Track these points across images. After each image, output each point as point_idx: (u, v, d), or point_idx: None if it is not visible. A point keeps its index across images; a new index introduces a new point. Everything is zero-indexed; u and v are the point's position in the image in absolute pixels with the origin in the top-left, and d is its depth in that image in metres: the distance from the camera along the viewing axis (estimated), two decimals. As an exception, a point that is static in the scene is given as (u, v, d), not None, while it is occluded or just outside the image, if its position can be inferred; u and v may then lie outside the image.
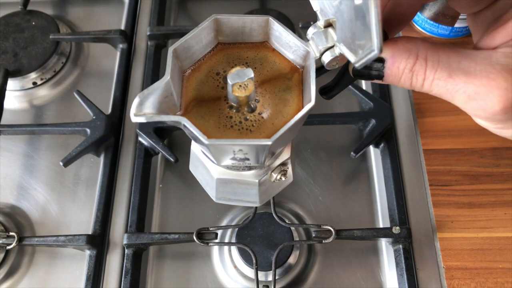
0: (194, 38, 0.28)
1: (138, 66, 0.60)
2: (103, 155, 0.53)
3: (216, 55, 0.30)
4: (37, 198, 0.53)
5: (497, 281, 0.45)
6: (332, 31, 0.26)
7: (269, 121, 0.28)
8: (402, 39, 0.25)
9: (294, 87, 0.29)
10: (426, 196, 0.49)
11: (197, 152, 0.35)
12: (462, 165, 0.51)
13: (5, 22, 0.62)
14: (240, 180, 0.34)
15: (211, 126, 0.27)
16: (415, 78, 0.24)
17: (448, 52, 0.24)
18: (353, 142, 0.54)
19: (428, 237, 0.47)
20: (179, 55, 0.28)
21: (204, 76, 0.29)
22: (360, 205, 0.51)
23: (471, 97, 0.23)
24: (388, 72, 0.25)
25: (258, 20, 0.28)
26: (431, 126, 0.53)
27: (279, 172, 0.34)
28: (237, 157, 0.28)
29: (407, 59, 0.24)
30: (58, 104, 0.59)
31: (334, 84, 0.30)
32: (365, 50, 0.22)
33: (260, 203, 0.36)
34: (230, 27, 0.29)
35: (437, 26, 0.57)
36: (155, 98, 0.25)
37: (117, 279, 0.47)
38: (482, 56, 0.24)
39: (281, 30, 0.28)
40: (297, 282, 0.47)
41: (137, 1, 0.65)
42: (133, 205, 0.49)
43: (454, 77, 0.23)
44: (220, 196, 0.35)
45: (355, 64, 0.24)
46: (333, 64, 0.27)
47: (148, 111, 0.25)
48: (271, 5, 0.65)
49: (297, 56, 0.29)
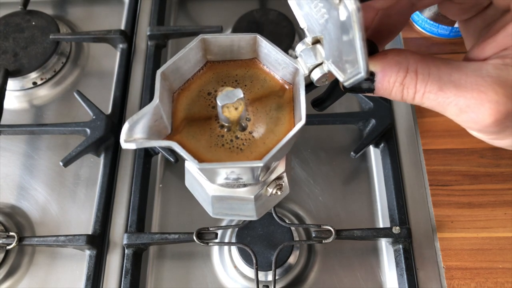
0: (182, 59, 0.27)
1: (138, 66, 0.60)
2: (103, 155, 0.53)
3: (206, 73, 0.30)
4: (37, 198, 0.53)
5: (497, 281, 0.45)
6: (320, 47, 0.26)
7: (260, 140, 0.27)
8: (391, 52, 0.25)
9: (286, 104, 0.29)
10: (426, 196, 0.49)
11: (192, 170, 0.35)
12: (462, 165, 0.51)
13: (5, 22, 0.62)
14: (235, 196, 0.33)
15: (202, 145, 0.27)
16: (406, 91, 0.24)
17: (438, 65, 0.24)
18: (353, 142, 0.54)
19: (428, 237, 0.47)
20: (168, 76, 0.27)
21: (194, 95, 0.29)
22: (360, 205, 0.51)
23: (462, 110, 0.23)
24: (378, 85, 0.25)
25: (245, 38, 0.28)
26: (431, 126, 0.53)
27: (275, 187, 0.34)
28: (230, 177, 0.28)
29: (397, 72, 0.24)
30: (58, 104, 0.59)
31: (326, 96, 0.30)
32: (353, 71, 0.22)
33: (257, 216, 0.35)
34: (218, 46, 0.29)
35: (437, 26, 0.57)
36: (145, 122, 0.25)
37: (117, 279, 0.47)
38: (473, 68, 0.23)
39: (270, 48, 0.28)
40: (297, 282, 0.47)
41: (137, 1, 0.65)
42: (133, 205, 0.49)
43: (445, 90, 0.23)
44: (217, 212, 0.35)
45: (344, 83, 0.24)
46: (322, 80, 0.27)
47: (138, 136, 0.25)
48: (271, 5, 0.65)
49: (287, 73, 0.29)
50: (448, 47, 0.58)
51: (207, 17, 0.66)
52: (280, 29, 0.59)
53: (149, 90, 0.56)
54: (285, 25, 0.60)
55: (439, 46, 0.59)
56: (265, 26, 0.60)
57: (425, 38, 0.59)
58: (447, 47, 0.59)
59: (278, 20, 0.60)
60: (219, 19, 0.65)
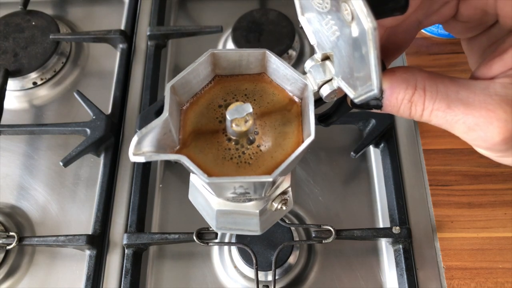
0: (191, 73, 0.28)
1: (138, 66, 0.60)
2: (103, 155, 0.53)
3: (214, 87, 0.30)
4: (37, 198, 0.53)
5: (497, 281, 0.45)
6: (329, 64, 0.26)
7: (268, 154, 0.27)
8: (400, 69, 0.25)
9: (294, 119, 0.29)
10: (426, 196, 0.49)
11: (197, 184, 0.35)
12: (462, 165, 0.51)
13: (5, 22, 0.62)
14: (240, 211, 0.33)
15: (209, 159, 0.27)
16: (414, 108, 0.24)
17: (446, 82, 0.24)
18: (353, 142, 0.54)
19: (428, 237, 0.47)
20: (177, 90, 0.27)
21: (203, 109, 0.29)
22: (360, 205, 0.51)
23: (471, 128, 0.23)
24: (386, 102, 0.25)
25: (255, 53, 0.28)
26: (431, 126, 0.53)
27: (280, 202, 0.34)
28: (237, 192, 0.28)
29: (405, 90, 0.24)
30: (58, 104, 0.59)
31: (332, 112, 0.30)
32: (365, 88, 0.22)
33: (261, 231, 0.35)
34: (227, 60, 0.29)
35: (437, 26, 0.57)
36: (154, 136, 0.25)
37: (117, 279, 0.47)
38: (481, 86, 0.23)
39: (278, 64, 0.28)
40: (297, 282, 0.47)
41: (137, 1, 0.65)
42: (133, 205, 0.49)
43: (453, 108, 0.23)
44: (220, 226, 0.35)
45: (354, 100, 0.24)
46: (331, 97, 0.27)
47: (147, 150, 0.25)
48: (271, 5, 0.65)
49: (295, 88, 0.29)
50: (448, 47, 0.58)
51: (207, 17, 0.66)
52: (280, 29, 0.59)
53: (149, 90, 0.56)
54: (285, 25, 0.60)
55: (439, 46, 0.59)
56: (265, 26, 0.60)
57: (425, 38, 0.59)
58: (447, 47, 0.59)
59: (278, 20, 0.60)
60: (219, 19, 0.65)
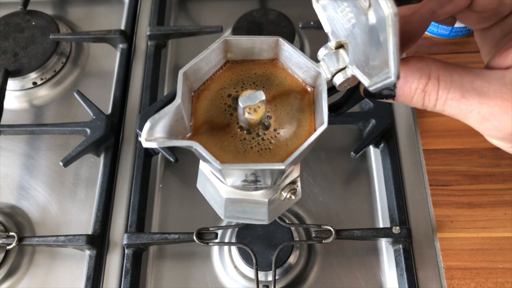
0: (203, 60, 0.27)
1: (138, 66, 0.60)
2: (103, 155, 0.53)
3: (225, 73, 0.29)
4: (37, 198, 0.53)
5: (497, 281, 0.45)
6: (343, 52, 0.26)
7: (284, 142, 0.27)
8: (413, 58, 0.25)
9: (306, 107, 0.28)
10: (426, 196, 0.49)
11: (206, 171, 0.35)
12: (462, 165, 0.51)
13: (5, 22, 0.62)
14: (249, 199, 0.33)
15: (223, 149, 0.27)
16: (428, 98, 0.24)
17: (460, 72, 0.24)
18: (353, 142, 0.54)
19: (428, 237, 0.47)
20: (189, 77, 0.27)
21: (214, 95, 0.29)
22: (360, 205, 0.51)
23: (485, 117, 0.23)
24: (400, 92, 0.25)
25: (268, 41, 0.28)
26: (431, 126, 0.53)
27: (289, 191, 0.34)
28: (248, 179, 0.28)
29: (419, 79, 0.24)
30: (58, 104, 0.59)
31: (343, 101, 0.30)
32: (381, 75, 0.22)
33: (269, 221, 0.35)
34: (240, 47, 0.29)
35: (437, 26, 0.57)
36: (166, 122, 0.25)
37: (117, 279, 0.47)
38: (496, 76, 0.23)
39: (292, 51, 0.28)
40: (297, 282, 0.47)
41: (137, 1, 0.65)
42: (133, 205, 0.49)
43: (467, 97, 0.23)
44: (229, 215, 0.35)
45: (369, 88, 0.24)
46: (345, 85, 0.27)
47: (159, 136, 0.25)
48: (271, 5, 0.65)
49: (308, 76, 0.28)
50: (448, 47, 0.58)
51: (207, 17, 0.66)
52: (280, 29, 0.59)
53: (149, 90, 0.56)
54: (285, 25, 0.60)
55: (439, 46, 0.59)
56: (265, 26, 0.60)
57: (425, 38, 0.59)
58: (447, 47, 0.59)
59: (278, 20, 0.60)
60: (219, 19, 0.65)
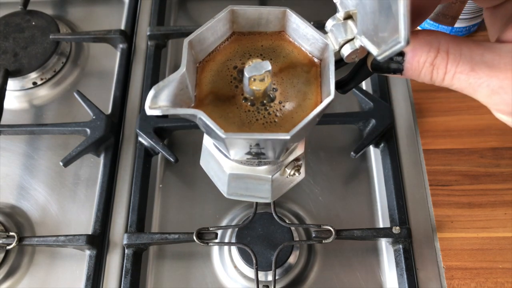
0: (209, 30, 0.27)
1: (138, 66, 0.60)
2: (103, 155, 0.53)
3: (231, 44, 0.29)
4: (37, 198, 0.53)
5: (497, 281, 0.45)
6: (351, 23, 0.26)
7: (289, 114, 0.27)
8: (422, 32, 0.24)
9: (313, 80, 0.28)
10: (426, 196, 0.49)
11: (210, 147, 0.34)
12: (462, 165, 0.51)
13: (5, 22, 0.62)
14: (253, 175, 0.33)
15: (228, 120, 0.27)
16: (436, 72, 0.24)
17: (470, 45, 0.23)
18: (353, 142, 0.54)
19: (428, 237, 0.47)
20: (194, 46, 0.27)
21: (219, 67, 0.28)
22: (360, 205, 0.51)
23: (494, 91, 0.23)
24: (408, 65, 0.24)
25: (275, 12, 0.28)
26: (431, 126, 0.53)
27: (293, 168, 0.34)
28: (252, 151, 0.28)
29: (428, 52, 0.24)
30: (58, 104, 0.59)
31: (350, 78, 0.29)
32: (390, 42, 0.21)
33: (272, 199, 0.35)
34: (246, 18, 0.28)
35: (437, 26, 0.57)
36: (170, 90, 0.25)
37: (117, 279, 0.47)
38: (506, 49, 0.23)
39: (299, 22, 0.27)
40: (297, 282, 0.47)
41: (137, 1, 0.65)
42: (133, 205, 0.49)
43: (477, 70, 0.23)
44: (231, 192, 0.35)
45: (377, 57, 0.23)
46: (352, 57, 0.26)
47: (163, 104, 0.24)
48: (271, 5, 0.65)
49: (315, 49, 0.28)
50: (448, 47, 0.58)
51: (207, 17, 0.65)
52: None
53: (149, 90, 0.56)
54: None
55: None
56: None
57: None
58: (447, 47, 0.58)
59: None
60: (219, 19, 0.65)
